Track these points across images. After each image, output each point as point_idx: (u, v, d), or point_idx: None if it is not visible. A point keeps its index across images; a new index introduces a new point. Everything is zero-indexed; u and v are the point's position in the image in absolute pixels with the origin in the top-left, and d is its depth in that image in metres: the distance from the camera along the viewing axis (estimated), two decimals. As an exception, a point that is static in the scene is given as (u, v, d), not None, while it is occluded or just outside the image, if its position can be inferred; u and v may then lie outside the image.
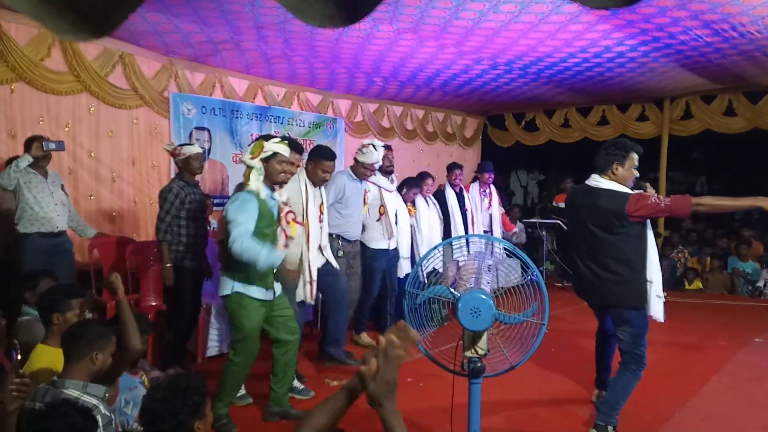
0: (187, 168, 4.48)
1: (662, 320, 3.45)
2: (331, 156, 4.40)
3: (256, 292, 3.48)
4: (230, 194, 4.36)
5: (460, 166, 6.74)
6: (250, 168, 3.45)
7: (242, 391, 3.98)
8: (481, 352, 2.65)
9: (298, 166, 4.05)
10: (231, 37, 5.42)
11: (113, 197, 5.83)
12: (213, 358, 4.89)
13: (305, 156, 4.44)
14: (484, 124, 10.81)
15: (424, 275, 2.87)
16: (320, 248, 4.44)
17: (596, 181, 3.43)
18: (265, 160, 3.46)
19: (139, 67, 5.85)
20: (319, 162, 4.33)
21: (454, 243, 3.05)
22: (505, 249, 2.98)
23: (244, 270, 3.43)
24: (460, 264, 2.94)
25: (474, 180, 6.98)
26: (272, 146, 3.46)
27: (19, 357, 2.11)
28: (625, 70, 6.71)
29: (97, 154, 5.66)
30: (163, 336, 4.65)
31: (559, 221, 8.60)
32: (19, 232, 4.33)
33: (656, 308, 3.41)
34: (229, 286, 3.47)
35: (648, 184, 3.62)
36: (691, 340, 5.74)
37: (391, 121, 9.03)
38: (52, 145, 4.33)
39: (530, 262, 2.73)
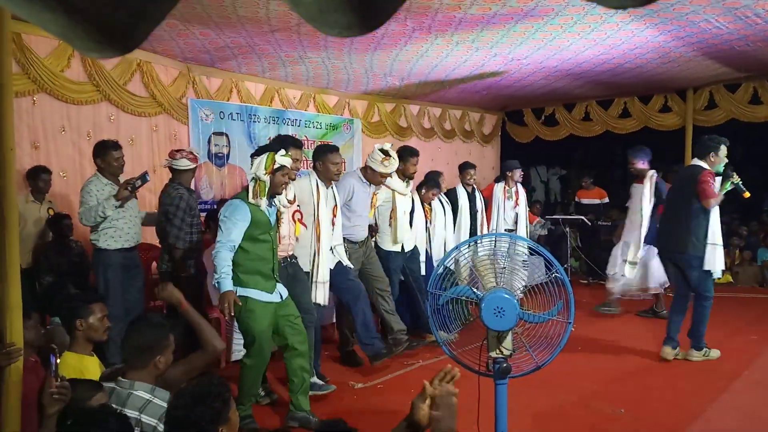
0: (180, 178, 4.72)
1: (721, 268, 4.84)
2: (335, 148, 4.38)
3: (257, 294, 3.49)
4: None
5: (473, 166, 6.53)
6: (260, 181, 3.46)
7: (262, 393, 4.02)
8: (506, 352, 2.61)
9: (298, 159, 4.00)
10: (246, 42, 5.44)
11: (135, 204, 5.88)
12: (238, 362, 4.90)
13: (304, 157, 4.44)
14: (503, 120, 10.72)
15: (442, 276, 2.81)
16: (332, 249, 4.39)
17: (697, 161, 4.84)
18: (272, 173, 3.48)
19: (157, 75, 5.90)
20: (327, 157, 4.27)
21: (477, 242, 2.99)
22: (529, 248, 2.93)
23: (243, 274, 3.45)
24: (477, 263, 2.87)
25: (500, 179, 6.83)
26: (280, 160, 3.49)
27: (58, 361, 2.15)
28: (645, 61, 6.57)
29: (119, 162, 5.71)
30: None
31: (582, 217, 8.47)
32: (98, 246, 4.27)
33: (715, 263, 4.70)
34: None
35: (734, 174, 4.81)
36: (721, 335, 5.60)
37: (408, 120, 8.99)
38: (138, 183, 4.29)
39: (554, 260, 2.67)
